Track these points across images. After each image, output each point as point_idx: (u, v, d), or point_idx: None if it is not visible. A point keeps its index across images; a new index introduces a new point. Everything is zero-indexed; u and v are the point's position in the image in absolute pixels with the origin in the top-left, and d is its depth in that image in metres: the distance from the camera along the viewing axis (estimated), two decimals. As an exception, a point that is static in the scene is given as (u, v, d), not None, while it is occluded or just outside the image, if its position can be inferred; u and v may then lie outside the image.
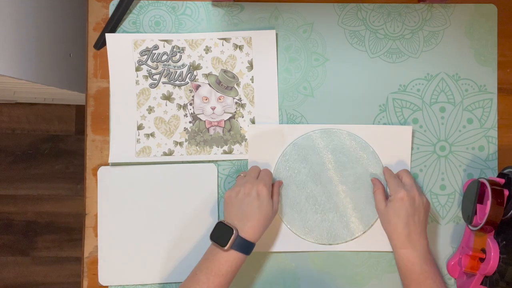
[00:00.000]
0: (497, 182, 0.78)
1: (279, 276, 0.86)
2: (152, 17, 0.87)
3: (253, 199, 0.76)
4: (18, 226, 1.65)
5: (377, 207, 0.82)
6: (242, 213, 0.76)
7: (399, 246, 0.78)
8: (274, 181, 0.84)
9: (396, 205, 0.78)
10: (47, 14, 1.13)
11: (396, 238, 0.78)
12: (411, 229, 0.77)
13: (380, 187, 0.83)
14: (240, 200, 0.77)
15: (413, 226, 0.77)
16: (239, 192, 0.78)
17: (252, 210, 0.76)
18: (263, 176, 0.80)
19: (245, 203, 0.77)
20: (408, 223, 0.77)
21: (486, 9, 0.88)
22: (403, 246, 0.77)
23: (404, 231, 0.77)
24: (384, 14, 0.88)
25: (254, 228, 0.76)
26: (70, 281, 1.65)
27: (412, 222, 0.77)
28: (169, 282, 0.85)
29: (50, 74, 1.15)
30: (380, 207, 0.81)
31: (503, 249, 0.76)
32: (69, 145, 1.67)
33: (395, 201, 0.78)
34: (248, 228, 0.76)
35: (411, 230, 0.77)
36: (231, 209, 0.78)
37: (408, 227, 0.77)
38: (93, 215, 0.86)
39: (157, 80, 0.87)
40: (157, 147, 0.86)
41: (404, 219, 0.77)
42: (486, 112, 0.88)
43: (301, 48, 0.88)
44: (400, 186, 0.79)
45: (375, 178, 0.85)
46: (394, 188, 0.80)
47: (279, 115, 0.87)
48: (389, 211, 0.79)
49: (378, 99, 0.88)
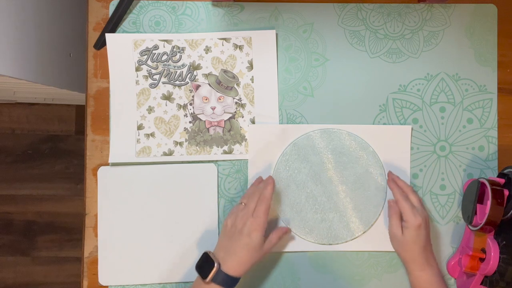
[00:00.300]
0: (497, 182, 0.78)
1: (279, 276, 0.86)
2: (152, 17, 0.87)
3: (243, 236, 0.75)
4: (18, 226, 1.65)
5: (393, 232, 0.80)
6: (230, 247, 0.76)
7: (418, 269, 0.78)
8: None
9: (414, 233, 0.77)
10: (47, 14, 1.13)
11: (414, 262, 0.78)
12: (428, 252, 0.78)
13: (396, 211, 0.80)
14: (231, 233, 0.77)
15: (429, 248, 0.79)
16: (233, 223, 0.77)
17: (240, 247, 0.75)
18: (259, 213, 0.76)
19: (234, 238, 0.76)
20: (425, 247, 0.78)
21: (486, 9, 0.88)
22: (421, 269, 0.78)
23: (423, 255, 0.78)
24: (384, 14, 0.88)
25: (238, 264, 0.75)
26: (70, 281, 1.65)
27: (428, 244, 0.79)
28: (169, 282, 0.85)
29: (50, 74, 1.15)
30: (397, 233, 0.79)
31: (503, 249, 0.76)
32: (69, 145, 1.67)
33: (412, 229, 0.77)
34: (231, 263, 0.75)
35: (428, 253, 0.78)
36: (222, 239, 0.78)
37: (425, 251, 0.78)
38: (93, 215, 0.86)
39: (157, 80, 0.87)
40: (157, 147, 0.86)
41: (422, 245, 0.78)
42: (486, 112, 0.88)
43: (301, 48, 0.88)
44: (415, 213, 0.78)
45: (391, 201, 0.82)
46: (409, 215, 0.77)
47: (279, 115, 0.87)
48: (407, 240, 0.78)
49: (378, 99, 0.88)
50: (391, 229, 0.80)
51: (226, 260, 0.75)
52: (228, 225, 0.77)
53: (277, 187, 0.86)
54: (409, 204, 0.79)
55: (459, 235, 0.87)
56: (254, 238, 0.75)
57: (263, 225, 0.76)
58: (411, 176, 0.87)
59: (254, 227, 0.75)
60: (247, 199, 0.79)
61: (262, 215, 0.76)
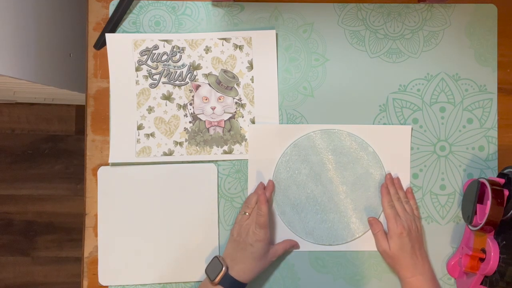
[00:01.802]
0: (497, 182, 0.78)
1: (279, 276, 0.86)
2: (152, 17, 0.87)
3: (247, 246, 0.78)
4: (18, 226, 1.65)
5: (382, 249, 0.82)
6: (236, 256, 0.79)
7: (408, 276, 0.79)
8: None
9: (398, 241, 0.80)
10: (47, 14, 1.13)
11: (404, 270, 0.80)
12: (416, 258, 0.80)
13: (379, 227, 0.83)
14: (237, 243, 0.80)
15: (418, 253, 0.80)
16: (238, 233, 0.80)
17: (245, 256, 0.78)
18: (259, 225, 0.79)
19: (240, 247, 0.79)
20: (414, 253, 0.80)
21: (486, 9, 0.88)
22: (412, 275, 0.79)
23: (411, 262, 0.79)
24: (384, 14, 0.88)
25: (244, 271, 0.78)
26: (70, 281, 1.65)
27: (417, 250, 0.80)
28: (169, 282, 0.85)
29: (50, 74, 1.15)
30: (385, 248, 0.81)
31: (503, 249, 0.76)
32: (69, 145, 1.67)
33: (395, 237, 0.80)
34: (238, 270, 0.77)
35: (417, 259, 0.80)
36: (229, 247, 0.81)
37: (414, 257, 0.80)
38: (93, 215, 0.86)
39: (157, 80, 0.87)
40: (157, 147, 0.86)
41: (409, 251, 0.79)
42: (486, 112, 0.88)
43: (301, 48, 0.88)
44: (397, 220, 0.81)
45: (372, 218, 0.84)
46: (391, 223, 0.81)
47: (279, 115, 0.87)
48: (393, 249, 0.80)
49: (378, 99, 0.88)
50: (379, 246, 0.83)
51: (233, 266, 0.78)
52: (234, 234, 0.81)
53: (277, 187, 0.86)
54: (393, 212, 0.82)
55: (459, 235, 0.87)
56: (258, 248, 0.78)
57: (265, 235, 0.79)
58: (411, 176, 0.87)
59: (257, 238, 0.78)
60: (250, 209, 0.82)
61: (263, 227, 0.79)
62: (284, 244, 0.83)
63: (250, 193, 0.86)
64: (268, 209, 0.80)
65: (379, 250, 0.83)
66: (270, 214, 0.83)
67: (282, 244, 0.83)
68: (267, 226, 0.79)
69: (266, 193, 0.82)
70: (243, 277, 0.77)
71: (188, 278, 0.85)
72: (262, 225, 0.79)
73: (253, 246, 0.78)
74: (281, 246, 0.83)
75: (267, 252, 0.80)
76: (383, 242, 0.81)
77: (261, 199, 0.80)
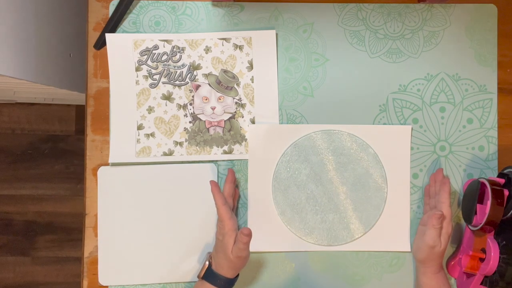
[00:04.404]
0: (497, 182, 0.78)
1: (279, 276, 0.86)
2: (152, 17, 0.87)
3: (218, 241, 0.78)
4: (18, 226, 1.65)
5: (433, 242, 0.78)
6: (215, 250, 0.79)
7: (437, 271, 0.80)
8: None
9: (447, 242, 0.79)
10: (47, 14, 1.13)
11: (436, 266, 0.80)
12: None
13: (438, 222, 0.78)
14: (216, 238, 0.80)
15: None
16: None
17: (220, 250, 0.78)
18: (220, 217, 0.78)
19: (217, 243, 0.79)
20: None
21: (486, 9, 0.88)
22: (439, 270, 0.80)
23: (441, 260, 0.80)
24: (384, 14, 0.88)
25: (222, 266, 0.77)
26: (70, 281, 1.65)
27: None
28: (169, 282, 0.85)
29: (50, 74, 1.15)
30: (437, 243, 0.78)
31: (503, 249, 0.76)
32: (69, 145, 1.67)
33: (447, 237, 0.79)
34: (217, 264, 0.78)
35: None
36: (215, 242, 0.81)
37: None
38: (93, 215, 0.86)
39: (157, 80, 0.87)
40: (157, 147, 0.86)
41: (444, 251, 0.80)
42: (486, 112, 0.88)
43: (301, 48, 0.88)
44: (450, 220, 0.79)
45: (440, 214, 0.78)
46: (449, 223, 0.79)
47: (279, 115, 0.87)
48: (443, 249, 0.79)
49: (378, 99, 0.88)
50: (430, 240, 0.78)
51: (215, 261, 0.78)
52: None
53: (277, 187, 0.86)
54: (451, 211, 0.80)
55: (459, 235, 0.87)
56: (226, 241, 0.76)
57: (227, 227, 0.76)
58: (411, 176, 0.87)
59: (221, 231, 0.78)
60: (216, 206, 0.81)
61: (222, 219, 0.77)
62: (240, 237, 0.75)
63: (250, 193, 0.86)
64: (222, 201, 0.77)
65: (427, 243, 0.78)
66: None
67: (239, 238, 0.75)
68: (229, 217, 0.76)
69: (226, 184, 0.82)
70: (224, 271, 0.77)
71: (188, 278, 0.85)
72: (220, 217, 0.77)
73: (221, 240, 0.77)
74: (239, 240, 0.75)
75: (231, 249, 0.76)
76: (437, 239, 0.78)
77: (213, 191, 0.78)
